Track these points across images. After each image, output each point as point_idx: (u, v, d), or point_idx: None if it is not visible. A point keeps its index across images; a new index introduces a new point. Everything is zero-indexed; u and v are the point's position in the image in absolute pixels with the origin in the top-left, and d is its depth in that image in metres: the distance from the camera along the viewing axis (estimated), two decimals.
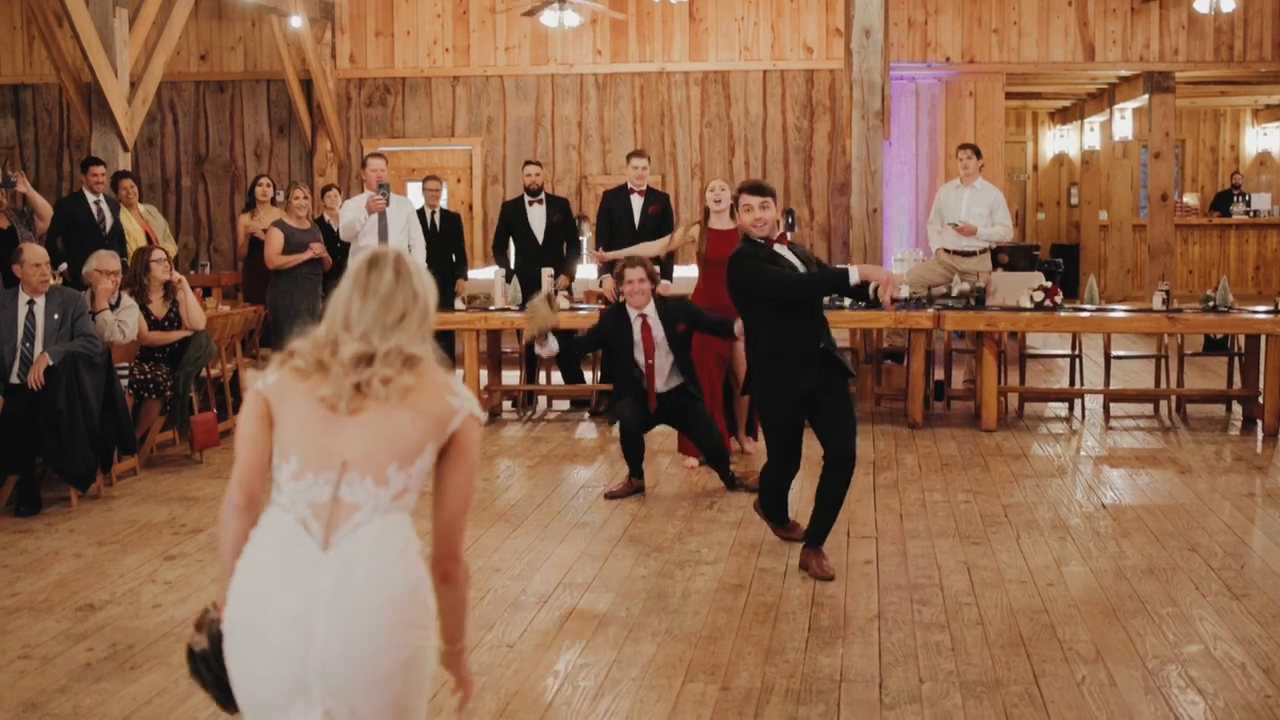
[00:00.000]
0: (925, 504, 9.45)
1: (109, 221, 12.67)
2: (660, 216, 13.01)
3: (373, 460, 3.46)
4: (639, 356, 9.78)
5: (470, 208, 19.10)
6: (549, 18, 16.46)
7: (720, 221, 11.01)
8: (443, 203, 14.67)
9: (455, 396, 3.55)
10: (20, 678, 6.28)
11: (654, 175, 18.53)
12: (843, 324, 12.03)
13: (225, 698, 3.60)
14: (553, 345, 9.34)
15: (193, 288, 14.96)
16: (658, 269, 10.41)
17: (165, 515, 9.27)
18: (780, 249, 7.77)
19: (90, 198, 12.91)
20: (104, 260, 10.30)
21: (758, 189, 7.75)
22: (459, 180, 19.08)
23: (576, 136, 18.91)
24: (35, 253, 9.60)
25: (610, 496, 9.72)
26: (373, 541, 3.42)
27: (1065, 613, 7.08)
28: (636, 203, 13.08)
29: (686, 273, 13.64)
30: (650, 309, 9.80)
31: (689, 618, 7.07)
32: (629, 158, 13.32)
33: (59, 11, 13.49)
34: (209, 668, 3.62)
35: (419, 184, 19.17)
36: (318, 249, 12.29)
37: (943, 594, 7.44)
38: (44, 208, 11.95)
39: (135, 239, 13.03)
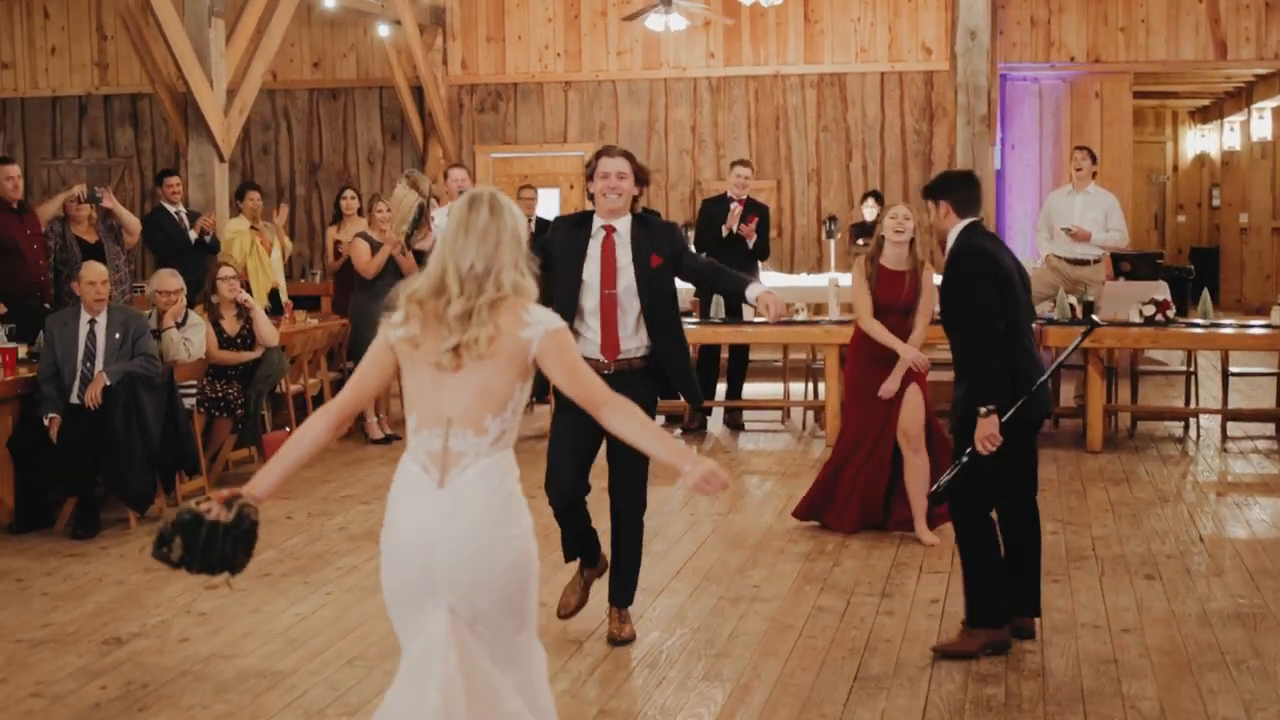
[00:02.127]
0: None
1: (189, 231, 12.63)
2: (756, 228, 12.60)
3: (471, 415, 4.23)
4: (590, 281, 6.78)
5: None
6: (654, 22, 16.12)
7: (898, 257, 8.92)
8: (540, 211, 14.36)
9: (527, 327, 4.23)
10: (25, 718, 6.08)
11: (769, 181, 18.15)
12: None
13: (194, 561, 4.35)
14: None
15: (297, 297, 14.97)
16: (651, 171, 7.30)
17: None
18: None
19: (170, 209, 12.85)
20: (164, 280, 10.15)
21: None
22: (571, 187, 18.80)
23: (690, 142, 18.55)
24: (92, 271, 9.47)
25: (564, 615, 7.12)
26: (477, 479, 4.22)
27: (1136, 664, 6.58)
28: (735, 211, 12.69)
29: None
30: (624, 223, 6.81)
31: (730, 662, 6.69)
32: (732, 165, 12.99)
33: (152, 22, 13.38)
34: (205, 535, 4.32)
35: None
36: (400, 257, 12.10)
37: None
38: (131, 222, 11.87)
39: (238, 248, 12.92)
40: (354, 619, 7.38)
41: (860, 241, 15.99)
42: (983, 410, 6.42)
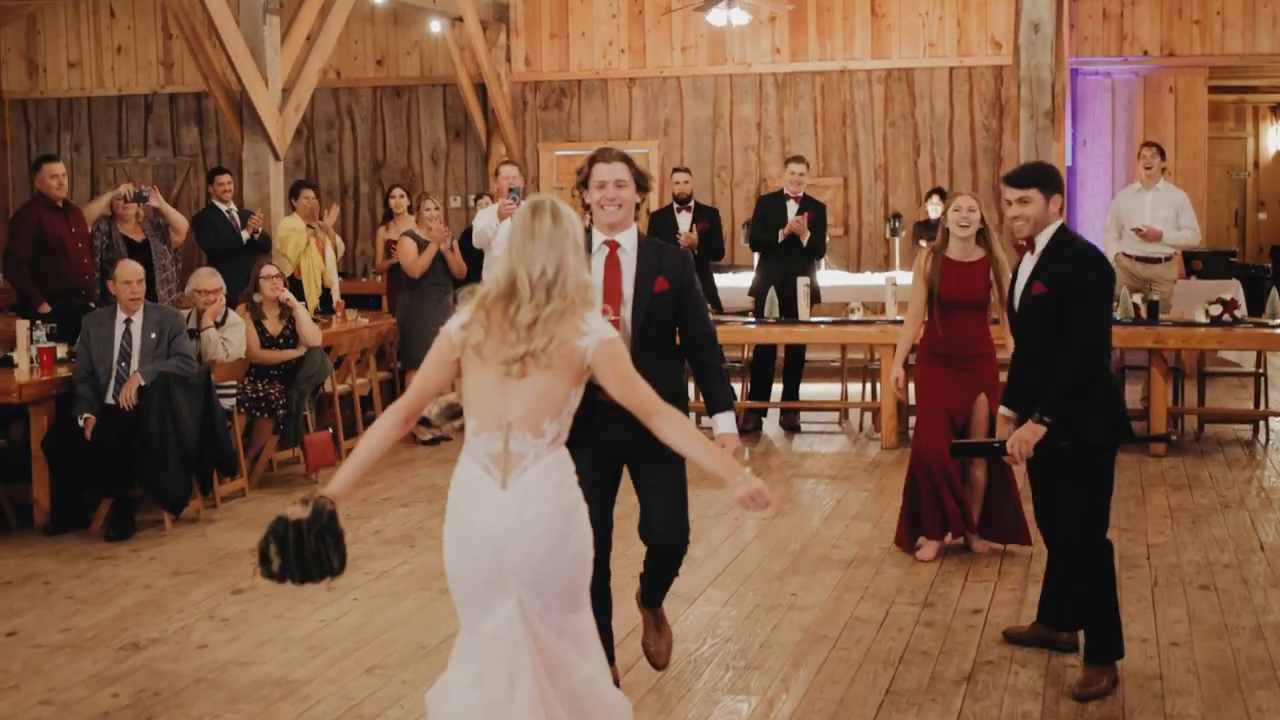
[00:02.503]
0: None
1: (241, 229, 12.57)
2: (812, 225, 12.37)
3: (530, 419, 4.42)
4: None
5: (649, 211, 18.56)
6: (716, 16, 15.89)
7: (964, 249, 8.36)
8: None
9: (583, 336, 4.43)
10: None
11: (835, 178, 17.87)
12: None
13: (292, 566, 4.55)
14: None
15: (359, 296, 14.88)
16: (653, 176, 6.35)
17: (253, 541, 8.87)
18: None
19: (221, 207, 12.77)
20: (202, 279, 10.04)
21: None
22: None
23: (755, 138, 18.27)
24: (127, 270, 9.37)
25: None
26: (537, 479, 4.43)
27: (1182, 680, 6.30)
28: (791, 209, 12.47)
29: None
30: (629, 237, 5.86)
31: (758, 676, 6.46)
32: (787, 162, 12.75)
33: (204, 20, 13.29)
34: (293, 536, 4.54)
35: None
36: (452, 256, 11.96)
37: (1048, 653, 6.69)
38: (178, 221, 11.78)
39: (291, 247, 12.81)
40: (378, 626, 7.22)
41: (922, 242, 15.68)
42: (1042, 419, 6.09)
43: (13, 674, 6.59)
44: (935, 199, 16.00)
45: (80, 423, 9.03)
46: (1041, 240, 6.12)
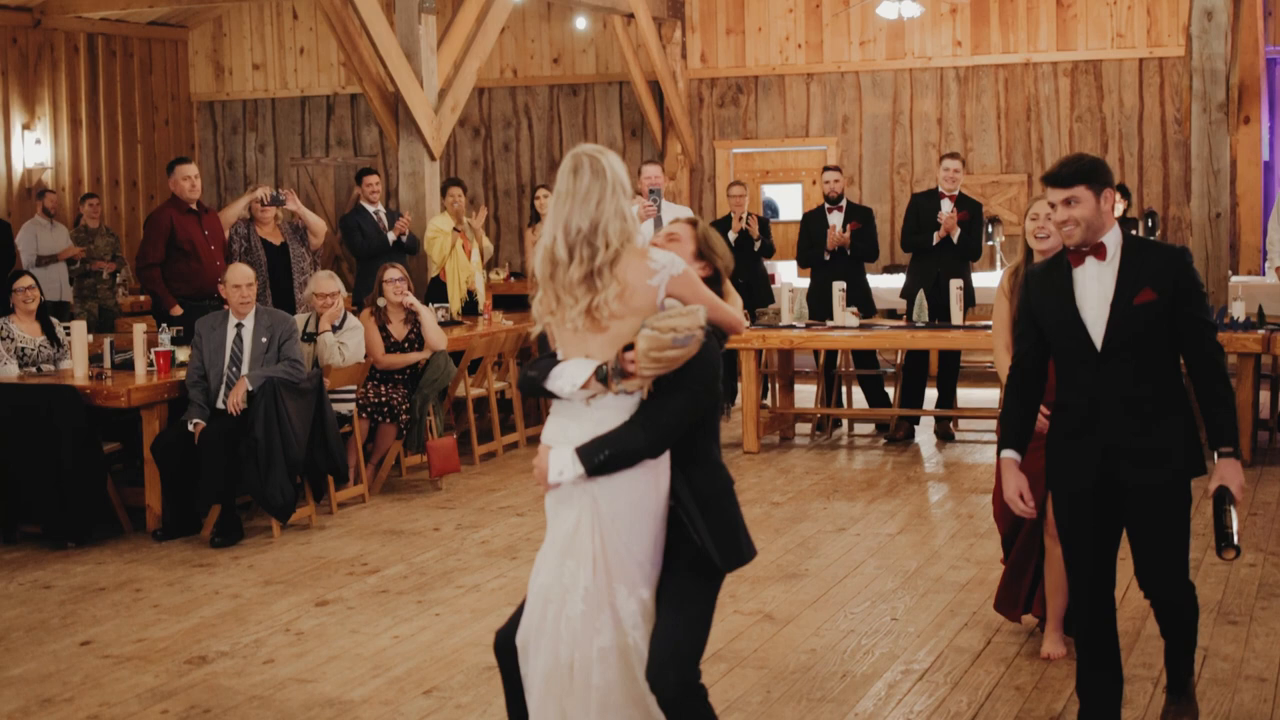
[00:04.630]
0: (1199, 564, 8.04)
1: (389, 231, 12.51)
2: (967, 225, 11.86)
3: None
4: None
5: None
6: (887, 9, 15.43)
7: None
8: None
9: (652, 274, 4.43)
10: None
11: (1019, 175, 17.24)
12: None
13: None
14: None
15: (520, 298, 14.75)
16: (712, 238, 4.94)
17: (356, 551, 8.79)
18: None
19: (369, 209, 12.71)
20: (320, 283, 9.94)
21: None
22: (814, 182, 18.16)
23: (936, 134, 17.70)
24: (238, 273, 9.30)
25: None
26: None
27: None
28: (945, 208, 11.98)
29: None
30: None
31: (832, 708, 6.08)
32: (942, 158, 12.26)
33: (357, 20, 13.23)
34: None
35: (774, 187, 18.45)
36: None
37: (1154, 689, 6.19)
38: (316, 224, 11.72)
39: (437, 249, 12.71)
40: (451, 645, 6.99)
41: None
42: (1232, 451, 5.13)
43: (71, 685, 6.51)
44: (1116, 196, 15.30)
45: (190, 428, 8.99)
46: (1112, 243, 5.19)
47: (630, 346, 4.40)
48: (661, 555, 4.55)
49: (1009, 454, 5.36)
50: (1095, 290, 5.20)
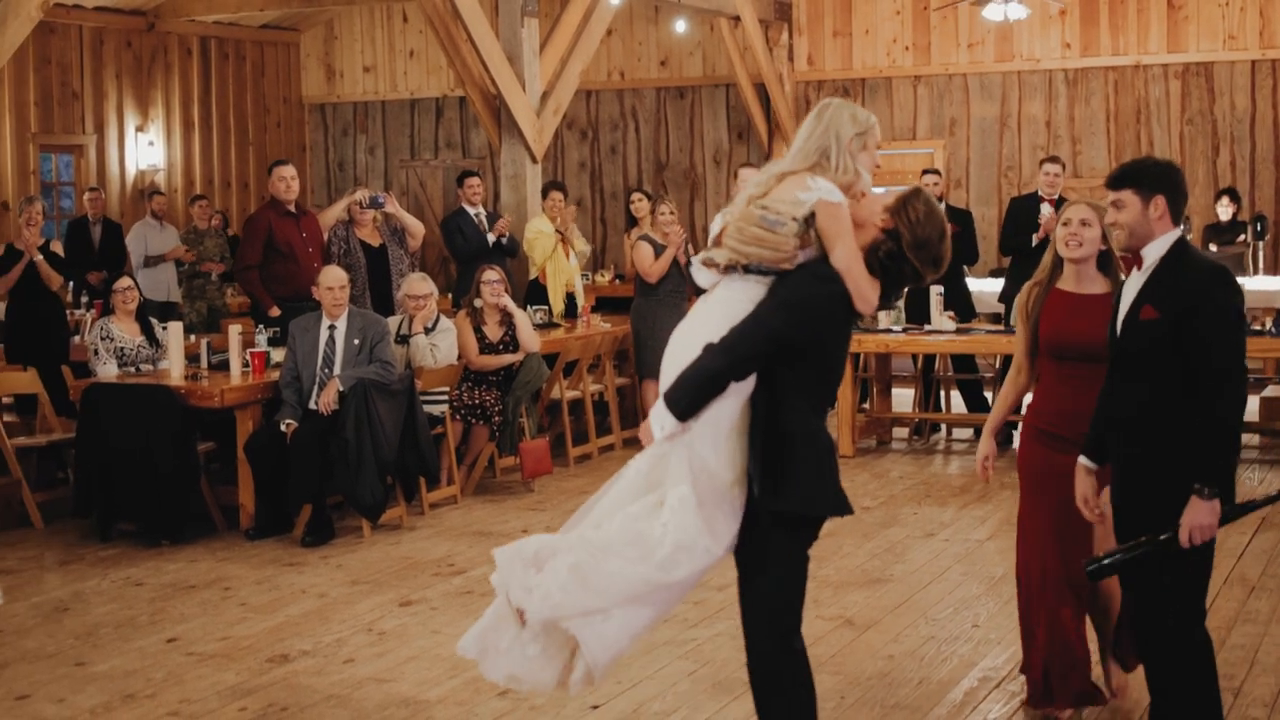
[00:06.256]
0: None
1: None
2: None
3: None
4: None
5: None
6: (993, 11, 15.26)
7: (1079, 277, 5.82)
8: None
9: (806, 191, 4.55)
10: None
11: None
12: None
13: None
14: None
15: (622, 300, 14.74)
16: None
17: (443, 551, 8.85)
18: None
19: (470, 211, 12.78)
20: (413, 285, 10.02)
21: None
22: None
23: (1045, 137, 17.50)
24: (330, 275, 9.40)
25: None
26: None
27: None
28: (1045, 213, 11.84)
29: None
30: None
31: (906, 714, 6.03)
32: (1042, 162, 12.14)
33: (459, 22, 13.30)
34: None
35: (881, 189, 18.29)
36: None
37: (1234, 700, 6.08)
38: (414, 226, 11.79)
39: (539, 250, 12.77)
40: None
41: (1212, 247, 14.75)
42: (1205, 490, 4.74)
43: (154, 682, 6.62)
44: (1225, 200, 15.11)
45: (282, 428, 9.10)
46: (1151, 255, 4.89)
47: None
48: (745, 480, 4.72)
49: (1082, 460, 5.29)
50: (1126, 300, 4.99)
